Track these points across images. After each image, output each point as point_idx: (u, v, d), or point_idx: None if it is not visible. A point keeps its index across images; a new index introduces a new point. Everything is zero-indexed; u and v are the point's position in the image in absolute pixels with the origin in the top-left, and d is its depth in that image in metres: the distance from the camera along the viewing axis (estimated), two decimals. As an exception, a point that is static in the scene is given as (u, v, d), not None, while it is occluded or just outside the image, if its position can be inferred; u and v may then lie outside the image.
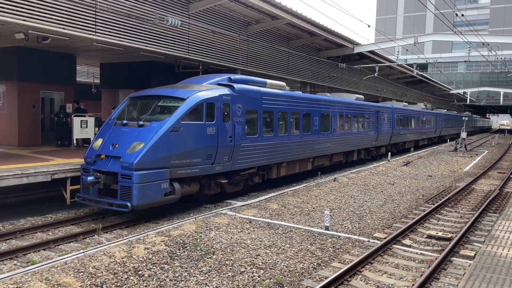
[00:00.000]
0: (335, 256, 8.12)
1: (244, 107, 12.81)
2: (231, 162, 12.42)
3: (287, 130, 15.37)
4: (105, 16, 11.95)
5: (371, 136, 23.78)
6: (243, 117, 12.75)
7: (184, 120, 10.71)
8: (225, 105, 12.05)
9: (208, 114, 11.42)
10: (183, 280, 6.70)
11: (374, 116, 24.24)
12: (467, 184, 16.40)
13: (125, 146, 10.14)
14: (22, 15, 10.00)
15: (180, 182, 10.86)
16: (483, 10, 79.33)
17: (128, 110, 11.73)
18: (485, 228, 10.29)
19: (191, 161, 10.94)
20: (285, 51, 20.98)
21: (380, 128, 25.14)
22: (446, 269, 7.54)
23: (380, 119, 25.10)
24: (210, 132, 11.43)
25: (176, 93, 11.44)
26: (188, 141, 10.81)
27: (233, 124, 12.31)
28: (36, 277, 6.44)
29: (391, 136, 27.57)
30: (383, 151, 27.18)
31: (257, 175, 14.34)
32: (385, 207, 12.63)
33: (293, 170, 16.34)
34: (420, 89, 49.17)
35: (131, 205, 9.60)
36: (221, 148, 11.81)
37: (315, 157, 17.94)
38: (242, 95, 12.77)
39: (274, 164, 15.06)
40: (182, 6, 14.51)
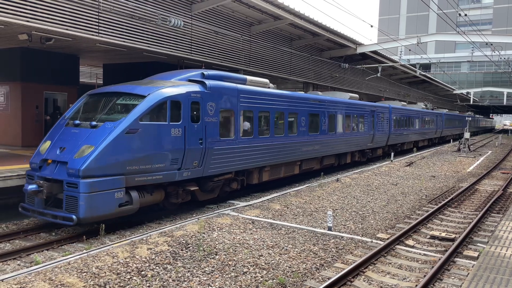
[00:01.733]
0: (338, 257, 8.10)
1: (217, 106, 11.68)
2: (203, 167, 11.31)
3: (269, 131, 14.21)
4: (108, 17, 11.98)
5: (366, 137, 22.77)
6: (216, 117, 11.61)
7: (143, 120, 9.58)
8: (194, 104, 10.87)
9: (173, 114, 10.24)
10: (186, 280, 6.70)
11: (370, 116, 23.21)
12: (471, 184, 16.35)
13: (74, 149, 9.00)
14: (26, 16, 10.04)
15: (139, 191, 9.76)
16: (486, 10, 79.08)
17: (84, 109, 10.48)
18: (489, 229, 10.25)
19: (152, 166, 9.78)
20: (287, 51, 20.97)
21: (376, 129, 24.13)
22: (450, 270, 7.52)
23: (376, 119, 24.08)
24: (176, 134, 10.27)
25: (136, 89, 10.22)
26: (148, 144, 9.64)
27: (204, 125, 11.17)
28: (40, 277, 6.45)
29: (389, 137, 26.57)
30: (380, 153, 26.21)
31: (235, 181, 13.22)
32: (388, 207, 12.60)
33: (277, 175, 15.27)
34: (423, 89, 49.04)
35: (77, 218, 8.51)
36: (189, 151, 10.68)
37: (303, 160, 16.82)
38: (215, 93, 11.61)
39: (255, 169, 13.96)
40: (185, 7, 14.53)
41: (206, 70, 12.27)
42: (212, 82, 11.69)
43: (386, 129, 25.95)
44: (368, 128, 22.94)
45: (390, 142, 27.19)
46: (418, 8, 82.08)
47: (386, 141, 26.26)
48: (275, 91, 14.92)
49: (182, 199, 11.26)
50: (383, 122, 25.32)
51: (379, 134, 24.68)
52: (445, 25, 66.90)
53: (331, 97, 19.69)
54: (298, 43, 21.54)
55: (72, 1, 10.99)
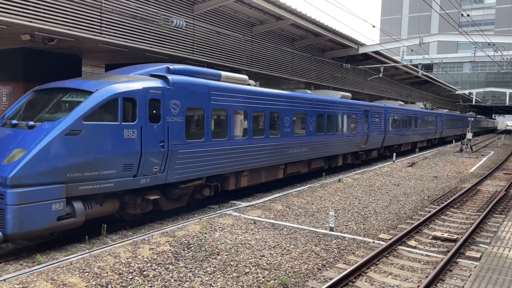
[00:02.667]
0: (340, 257, 8.10)
1: (183, 104, 10.46)
2: (165, 173, 10.06)
3: (247, 133, 12.96)
4: (110, 17, 12.01)
5: (359, 139, 21.48)
6: (181, 117, 10.39)
7: (87, 120, 8.35)
8: (153, 101, 9.66)
9: (126, 113, 9.06)
10: (188, 280, 6.71)
11: (363, 116, 21.97)
12: (473, 185, 16.31)
13: (4, 154, 7.85)
14: (28, 17, 10.07)
15: (85, 201, 8.60)
16: (488, 10, 78.94)
17: (26, 107, 9.26)
18: (491, 230, 10.22)
19: (100, 173, 8.56)
20: (289, 51, 20.97)
21: (371, 130, 22.88)
22: (452, 271, 7.50)
23: (371, 119, 22.85)
24: (129, 135, 9.06)
25: (83, 85, 9.03)
26: (94, 148, 8.42)
27: (167, 126, 9.95)
28: (42, 277, 6.47)
29: (384, 138, 25.29)
30: (375, 155, 25.00)
31: (208, 187, 12.04)
32: (390, 208, 12.59)
33: (257, 180, 14.11)
34: (425, 90, 48.96)
35: (3, 235, 7.39)
36: (148, 155, 9.45)
37: (288, 163, 15.63)
38: (180, 89, 10.38)
39: (231, 173, 12.74)
40: (187, 7, 14.55)
41: (173, 64, 11.04)
42: (177, 77, 10.48)
43: (382, 129, 24.74)
44: (361, 128, 21.69)
45: (386, 143, 25.99)
46: (420, 8, 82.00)
47: (381, 142, 25.11)
48: (254, 88, 13.63)
49: (141, 209, 10.03)
50: (378, 122, 24.13)
51: (374, 135, 23.49)
52: (447, 25, 66.81)
53: (321, 95, 18.58)
54: (300, 44, 21.53)
55: (74, 2, 11.02)
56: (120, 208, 9.64)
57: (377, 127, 23.87)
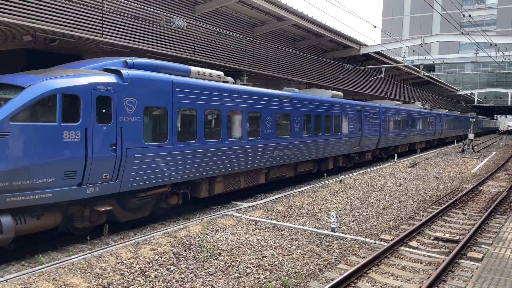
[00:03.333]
0: (341, 258, 8.09)
1: (141, 102, 9.37)
2: (119, 181, 8.94)
3: (221, 134, 11.91)
4: (112, 18, 12.03)
5: (351, 140, 20.42)
6: (139, 117, 9.31)
7: (16, 120, 7.28)
8: (102, 99, 8.53)
9: (66, 112, 7.94)
10: (189, 281, 6.71)
11: (356, 116, 20.92)
12: (475, 185, 16.28)
13: None
14: (30, 18, 10.10)
15: (16, 215, 7.54)
16: (490, 11, 78.84)
17: None
18: (493, 230, 10.20)
19: (34, 182, 7.45)
20: (291, 52, 20.97)
21: (364, 130, 21.85)
22: (454, 271, 7.49)
23: (364, 120, 21.77)
24: (71, 138, 7.95)
25: (17, 79, 8.04)
26: (24, 153, 7.33)
27: (119, 127, 8.83)
28: (44, 278, 6.48)
29: (379, 140, 24.23)
30: (369, 157, 23.85)
31: (175, 195, 11.00)
32: (392, 208, 12.57)
33: (235, 186, 13.05)
34: (427, 90, 48.91)
35: None
36: (95, 161, 8.30)
37: (270, 167, 14.58)
38: (136, 85, 9.29)
39: (203, 179, 11.69)
40: (188, 8, 14.56)
41: (132, 58, 10.01)
42: (134, 72, 9.37)
43: (376, 130, 23.68)
44: (354, 129, 20.62)
45: (382, 145, 24.81)
46: (421, 9, 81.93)
47: (376, 144, 23.97)
48: (229, 85, 12.50)
49: (91, 222, 8.92)
50: (373, 123, 23.09)
51: (368, 137, 22.40)
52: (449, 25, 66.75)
53: (308, 94, 17.51)
54: (302, 44, 21.54)
55: (76, 3, 11.05)
56: (65, 221, 8.60)
57: (371, 128, 22.83)
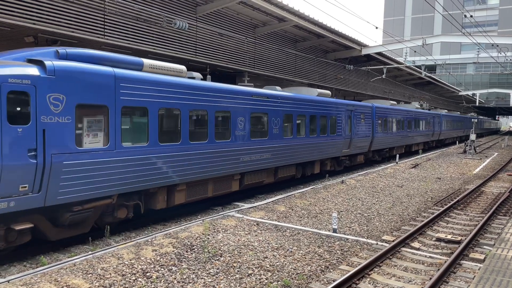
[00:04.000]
0: (343, 259, 8.08)
1: (71, 99, 7.94)
2: (44, 193, 7.58)
3: (180, 137, 10.52)
4: (114, 19, 12.05)
5: (340, 142, 18.98)
6: (69, 116, 7.91)
7: None
8: (17, 94, 7.21)
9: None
10: (191, 282, 6.71)
11: (345, 116, 19.56)
12: (477, 186, 16.25)
13: None
14: (32, 19, 10.12)
15: None
16: (492, 11, 78.74)
17: None
18: (495, 231, 10.18)
19: None
20: (292, 53, 20.98)
21: (355, 132, 20.48)
22: (456, 273, 7.47)
23: (355, 120, 20.44)
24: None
25: None
26: None
27: (41, 128, 7.48)
28: (45, 278, 6.49)
29: (372, 142, 22.81)
30: (361, 160, 22.48)
31: (123, 207, 9.54)
32: (394, 209, 12.56)
33: (201, 194, 11.58)
34: (428, 91, 48.88)
35: None
36: (5, 170, 6.99)
37: (245, 172, 13.22)
38: (65, 79, 7.86)
39: (159, 188, 10.26)
40: (190, 9, 14.58)
41: (66, 48, 8.51)
42: (61, 63, 7.90)
43: (369, 132, 22.26)
44: (343, 131, 19.23)
45: (374, 147, 23.35)
46: (423, 10, 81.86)
47: (368, 146, 22.57)
48: (191, 81, 11.03)
49: (8, 243, 7.44)
50: (365, 124, 21.63)
51: (359, 138, 21.00)
52: (451, 26, 66.69)
53: (291, 93, 15.74)
54: (303, 45, 21.54)
55: (78, 4, 11.07)
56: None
57: (362, 129, 21.44)
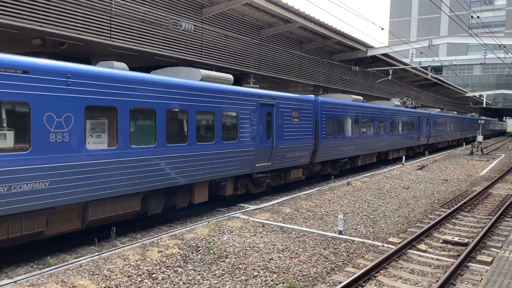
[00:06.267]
0: (349, 261, 8.05)
1: None
2: None
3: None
4: (120, 21, 12.12)
5: (247, 153, 12.67)
6: None
7: None
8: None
9: None
10: (197, 283, 6.72)
11: (259, 115, 13.26)
12: (484, 188, 16.13)
13: None
14: (39, 21, 10.21)
15: None
16: (499, 12, 78.21)
17: None
18: (503, 233, 10.10)
19: None
20: (297, 54, 20.97)
21: (279, 137, 14.18)
22: (463, 275, 7.42)
23: (277, 120, 14.11)
24: None
25: None
26: None
27: None
28: (52, 279, 6.52)
29: (317, 150, 16.60)
30: (298, 175, 15.87)
31: None
32: (400, 211, 12.49)
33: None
34: (434, 92, 48.64)
35: None
36: None
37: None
38: None
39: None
40: (196, 11, 14.63)
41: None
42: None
43: (309, 136, 16.04)
44: (251, 135, 12.91)
45: (323, 157, 17.17)
46: (429, 10, 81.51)
47: (310, 156, 16.34)
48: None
49: None
50: (300, 125, 15.51)
51: (290, 146, 14.76)
52: (457, 27, 66.31)
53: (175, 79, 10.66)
54: (308, 46, 21.53)
55: (85, 6, 11.15)
56: None
57: (296, 132, 15.20)
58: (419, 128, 29.70)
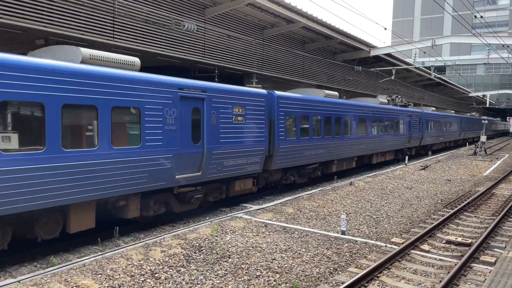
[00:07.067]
0: (351, 261, 8.04)
1: None
2: None
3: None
4: (123, 21, 12.15)
5: (162, 161, 9.84)
6: None
7: None
8: None
9: None
10: (199, 283, 6.72)
11: (178, 112, 10.32)
12: (487, 188, 16.08)
13: None
14: (43, 22, 10.24)
15: None
16: (502, 12, 77.89)
17: None
18: (506, 234, 10.06)
19: None
20: (300, 54, 20.96)
21: (214, 140, 11.36)
22: (466, 275, 7.40)
23: (210, 119, 11.24)
24: None
25: None
26: None
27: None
28: (55, 279, 6.55)
29: (271, 156, 13.78)
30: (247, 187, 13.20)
31: None
32: (403, 211, 12.47)
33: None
34: (438, 92, 48.52)
35: None
36: None
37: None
38: None
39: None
40: (198, 11, 14.65)
41: None
42: None
43: (260, 139, 13.14)
44: (174, 139, 10.14)
45: (280, 164, 14.23)
46: (432, 10, 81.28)
47: (261, 162, 13.38)
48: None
49: None
50: (245, 125, 12.58)
51: (230, 151, 11.95)
52: (460, 27, 66.09)
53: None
54: (311, 46, 21.51)
55: (88, 7, 11.18)
56: None
57: (239, 134, 12.35)
58: (409, 128, 26.83)
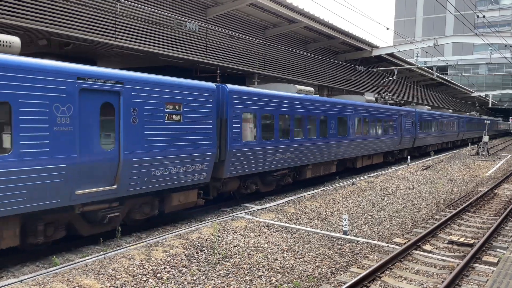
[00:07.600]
0: (353, 261, 8.03)
1: None
2: None
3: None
4: (125, 21, 12.17)
5: (49, 173, 7.46)
6: None
7: None
8: None
9: None
10: (201, 283, 6.73)
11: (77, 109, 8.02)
12: (490, 188, 16.04)
13: None
14: (45, 22, 10.27)
15: None
16: (505, 11, 77.71)
17: None
18: (509, 234, 10.03)
19: None
20: (302, 54, 20.95)
21: (137, 144, 9.08)
22: (468, 276, 7.38)
23: (127, 118, 8.96)
24: None
25: None
26: None
27: None
28: (58, 279, 6.56)
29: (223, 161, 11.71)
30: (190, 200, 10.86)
31: None
32: (405, 212, 12.45)
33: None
34: (440, 92, 48.42)
35: None
36: None
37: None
38: None
39: None
40: (200, 11, 14.66)
41: None
42: None
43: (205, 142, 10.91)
44: (71, 144, 7.86)
45: (236, 171, 12.16)
46: (434, 10, 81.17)
47: (209, 170, 11.11)
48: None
49: None
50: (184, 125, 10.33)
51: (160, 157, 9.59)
52: (463, 26, 65.96)
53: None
54: (313, 46, 21.50)
55: (90, 7, 11.20)
56: None
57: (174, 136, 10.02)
58: (400, 129, 24.66)
